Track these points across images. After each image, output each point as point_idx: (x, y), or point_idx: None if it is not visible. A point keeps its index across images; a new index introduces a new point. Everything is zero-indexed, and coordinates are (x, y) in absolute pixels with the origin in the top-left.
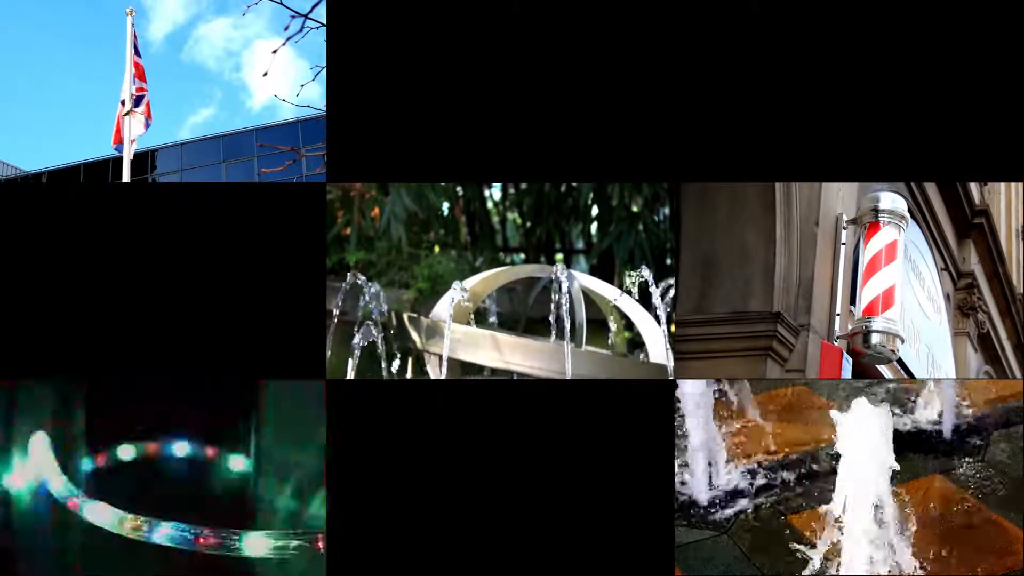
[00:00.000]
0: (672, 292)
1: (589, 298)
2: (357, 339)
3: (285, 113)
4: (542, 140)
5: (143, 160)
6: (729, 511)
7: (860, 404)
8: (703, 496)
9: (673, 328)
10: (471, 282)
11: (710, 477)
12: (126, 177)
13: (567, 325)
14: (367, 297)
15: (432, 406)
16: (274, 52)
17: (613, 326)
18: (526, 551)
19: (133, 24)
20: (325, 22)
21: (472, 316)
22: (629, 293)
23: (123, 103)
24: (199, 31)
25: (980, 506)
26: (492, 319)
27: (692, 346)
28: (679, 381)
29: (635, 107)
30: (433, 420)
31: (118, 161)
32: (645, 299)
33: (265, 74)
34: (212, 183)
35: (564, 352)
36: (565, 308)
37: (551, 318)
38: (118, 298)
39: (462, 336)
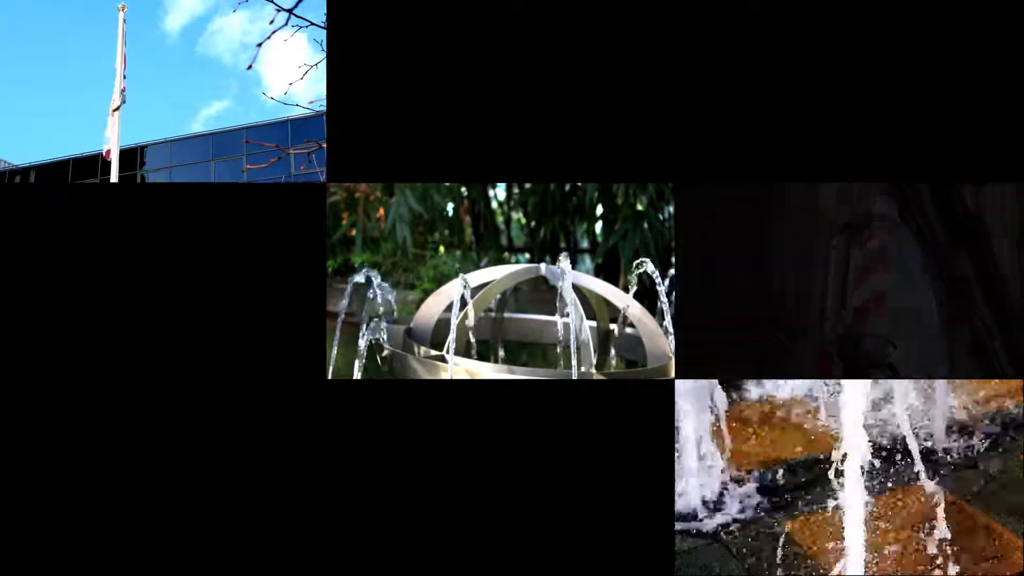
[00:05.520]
0: (670, 283)
1: (586, 299)
2: (362, 340)
3: (300, 109)
4: (544, 139)
5: (132, 156)
6: (723, 518)
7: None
8: (696, 503)
9: (672, 330)
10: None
11: (704, 484)
12: (114, 176)
13: (573, 340)
14: (373, 293)
15: (431, 405)
16: (259, 45)
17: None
18: (525, 551)
19: (124, 20)
20: (313, 21)
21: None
22: (640, 282)
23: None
24: (215, 24)
25: (975, 512)
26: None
27: (688, 352)
28: (678, 385)
29: (638, 106)
30: (432, 419)
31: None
32: (651, 294)
33: (249, 67)
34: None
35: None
36: (572, 324)
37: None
38: (121, 298)
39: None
